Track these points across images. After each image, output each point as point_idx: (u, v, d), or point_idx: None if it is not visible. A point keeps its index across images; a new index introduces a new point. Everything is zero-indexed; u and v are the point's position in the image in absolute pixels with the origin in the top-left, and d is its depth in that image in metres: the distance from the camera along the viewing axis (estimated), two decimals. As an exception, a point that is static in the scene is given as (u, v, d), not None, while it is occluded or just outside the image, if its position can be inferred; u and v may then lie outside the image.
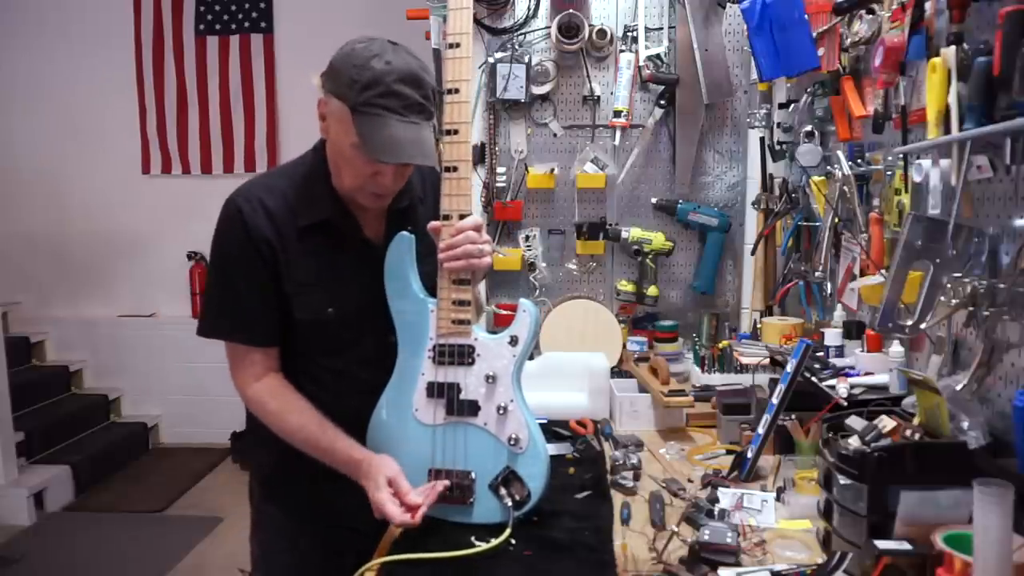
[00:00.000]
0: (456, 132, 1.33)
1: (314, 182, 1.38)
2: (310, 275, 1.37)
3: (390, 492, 1.25)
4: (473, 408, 1.32)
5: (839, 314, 1.86)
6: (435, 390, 1.34)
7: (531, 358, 2.11)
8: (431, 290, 1.35)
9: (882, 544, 1.05)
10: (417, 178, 1.48)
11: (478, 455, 1.33)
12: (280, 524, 1.51)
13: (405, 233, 1.36)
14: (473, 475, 1.32)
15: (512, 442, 1.30)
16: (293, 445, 1.37)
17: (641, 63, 2.39)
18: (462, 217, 1.32)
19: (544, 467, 1.31)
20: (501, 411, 1.31)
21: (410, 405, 1.35)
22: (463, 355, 1.33)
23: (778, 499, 1.39)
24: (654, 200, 2.48)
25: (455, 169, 1.33)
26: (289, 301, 1.36)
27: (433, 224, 1.33)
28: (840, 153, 1.80)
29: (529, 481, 1.30)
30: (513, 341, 1.32)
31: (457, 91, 1.33)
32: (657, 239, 2.43)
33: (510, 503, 1.29)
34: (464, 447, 1.33)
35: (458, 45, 1.33)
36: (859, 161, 1.75)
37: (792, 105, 2.13)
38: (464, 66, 1.33)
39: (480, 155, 2.47)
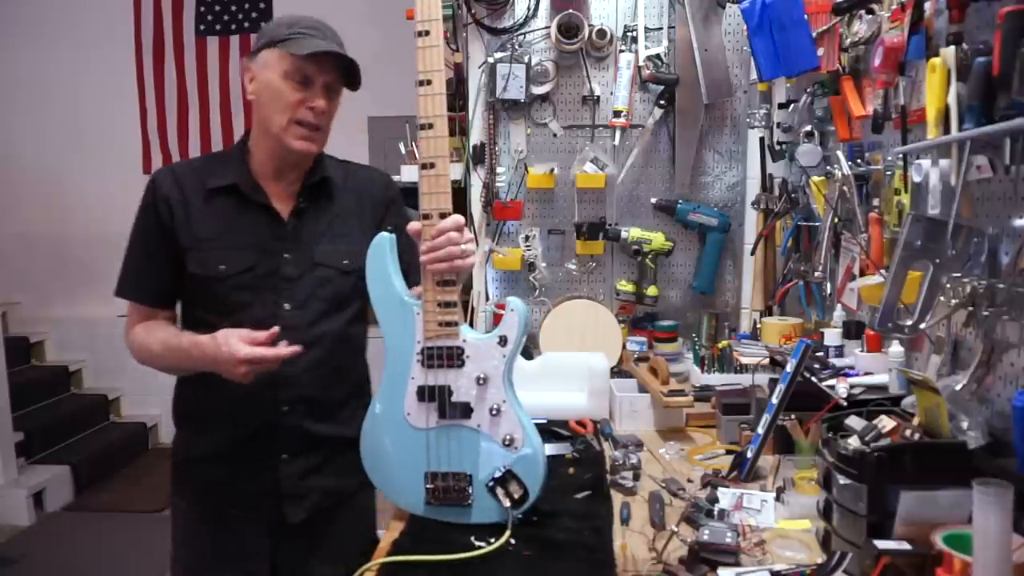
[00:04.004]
0: (431, 127, 1.29)
1: (228, 155, 1.53)
2: (208, 232, 1.43)
3: (248, 343, 1.31)
4: (466, 410, 1.31)
5: (839, 314, 1.86)
6: (426, 393, 1.32)
7: (531, 358, 2.12)
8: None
9: (882, 544, 1.04)
10: (339, 171, 1.55)
11: (473, 457, 1.32)
12: (186, 519, 1.54)
13: (384, 234, 1.35)
14: (470, 477, 1.32)
15: (507, 442, 1.30)
16: (163, 366, 1.45)
17: (641, 63, 2.39)
18: (442, 216, 1.29)
19: (541, 465, 1.30)
20: (494, 412, 1.30)
21: (401, 410, 1.34)
22: (452, 357, 1.31)
23: (778, 499, 1.39)
24: (654, 200, 2.48)
25: (432, 166, 1.29)
26: (185, 256, 1.43)
27: (413, 225, 1.32)
28: (840, 153, 1.80)
29: (526, 480, 1.30)
30: (503, 341, 1.30)
31: (429, 83, 1.29)
32: (657, 239, 2.43)
33: (508, 504, 1.29)
34: (459, 449, 1.32)
35: (428, 33, 1.29)
36: (859, 161, 1.75)
37: (792, 105, 2.13)
38: (435, 55, 1.29)
39: (480, 155, 2.47)
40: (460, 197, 2.52)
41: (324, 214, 1.50)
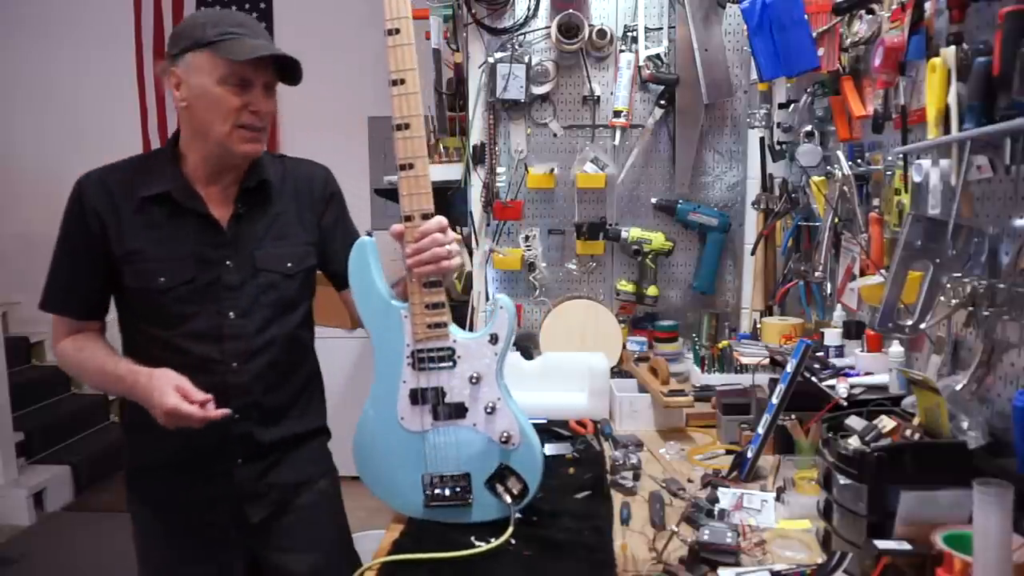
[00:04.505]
0: (407, 127, 1.28)
1: (157, 158, 1.46)
2: (143, 244, 1.38)
3: (179, 396, 1.27)
4: (460, 410, 1.31)
5: (839, 314, 1.86)
6: (419, 396, 1.32)
7: (531, 358, 2.11)
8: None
9: (882, 544, 1.04)
10: (276, 169, 1.50)
11: (471, 456, 1.32)
12: (148, 524, 1.54)
13: (366, 238, 1.34)
14: (468, 476, 1.32)
15: (504, 439, 1.29)
16: (95, 386, 1.44)
17: (641, 63, 2.39)
18: (424, 217, 1.28)
19: (539, 459, 1.30)
20: (489, 410, 1.30)
21: (395, 414, 1.33)
22: (443, 358, 1.31)
23: (778, 499, 1.39)
24: (654, 200, 2.48)
25: (411, 167, 1.28)
26: (120, 268, 1.38)
27: (395, 228, 1.31)
28: (840, 153, 1.80)
29: (525, 474, 1.30)
30: (493, 339, 1.30)
31: (403, 82, 1.27)
32: (657, 239, 2.43)
33: (509, 499, 1.29)
34: (456, 450, 1.32)
35: (398, 31, 1.27)
36: (859, 161, 1.75)
37: (792, 105, 2.13)
38: (407, 54, 1.27)
39: (480, 155, 2.47)
40: (460, 197, 2.52)
41: (263, 217, 1.46)
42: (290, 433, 1.48)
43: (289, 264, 1.46)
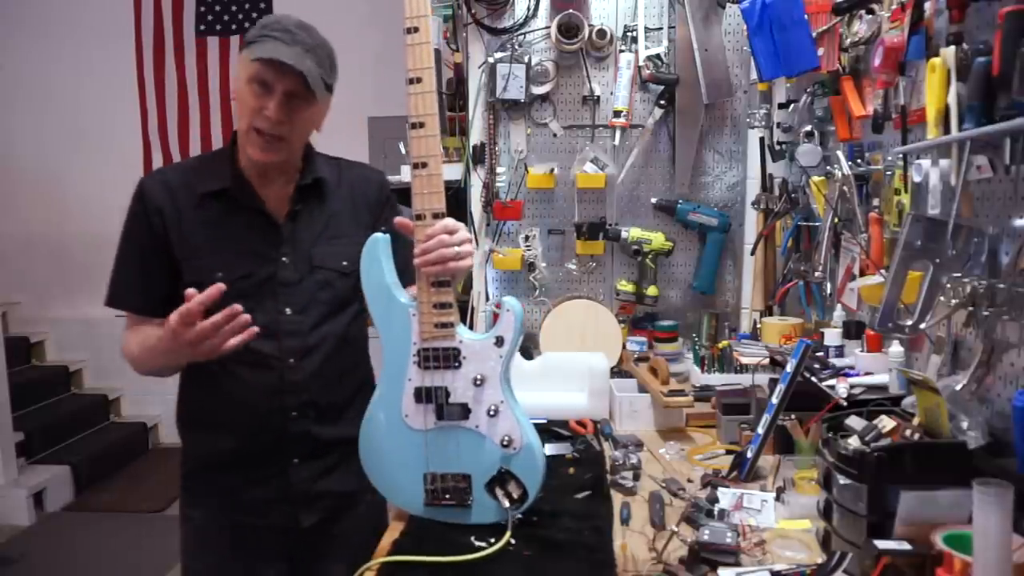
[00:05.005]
0: (422, 125, 1.28)
1: (218, 157, 1.49)
2: (201, 240, 1.40)
3: (178, 315, 1.24)
4: (463, 411, 1.31)
5: (839, 314, 1.86)
6: (423, 395, 1.32)
7: (531, 358, 2.11)
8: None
9: (882, 544, 1.04)
10: (332, 170, 1.52)
11: (472, 457, 1.31)
12: (199, 529, 1.52)
13: (379, 235, 1.34)
14: (469, 477, 1.32)
15: (505, 443, 1.29)
16: (149, 369, 1.41)
17: (641, 63, 2.39)
18: (435, 216, 1.28)
19: (540, 464, 1.30)
20: (492, 413, 1.29)
21: (399, 411, 1.33)
22: (449, 359, 1.30)
23: (778, 499, 1.39)
24: (654, 200, 2.48)
25: (424, 165, 1.28)
26: (180, 265, 1.40)
27: (399, 220, 1.32)
28: (840, 153, 1.80)
29: (525, 480, 1.29)
30: (499, 342, 1.29)
31: (420, 80, 1.27)
32: (657, 239, 2.43)
33: (507, 504, 1.29)
34: (457, 450, 1.32)
35: (416, 30, 1.27)
36: (859, 161, 1.75)
37: (792, 105, 2.13)
38: (425, 52, 1.27)
39: (480, 155, 2.47)
40: (459, 197, 2.52)
41: (319, 215, 1.48)
42: (347, 434, 1.45)
43: (344, 263, 1.46)
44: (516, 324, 1.29)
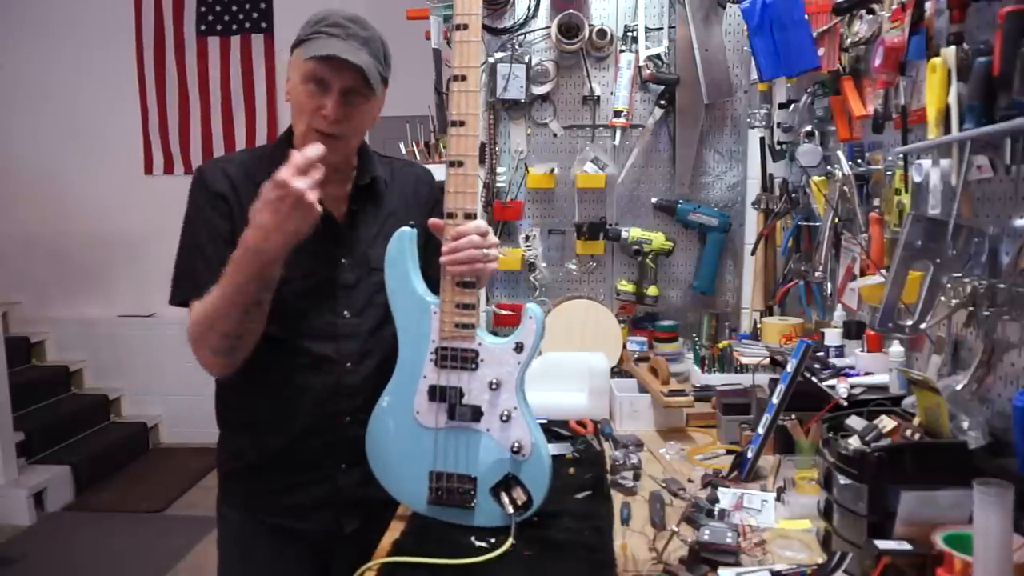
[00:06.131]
0: (463, 124, 1.27)
1: (274, 149, 1.42)
2: None
3: (271, 187, 1.17)
4: (476, 414, 1.30)
5: (839, 314, 1.86)
6: (437, 393, 1.31)
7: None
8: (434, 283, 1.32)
9: (882, 544, 1.04)
10: (385, 169, 1.48)
11: (480, 460, 1.31)
12: (237, 530, 1.49)
13: (407, 228, 1.33)
14: (474, 479, 1.31)
15: (515, 449, 1.28)
16: (227, 312, 1.26)
17: (641, 63, 2.39)
18: (467, 216, 1.27)
19: (546, 474, 1.29)
20: (504, 418, 1.28)
21: (411, 407, 1.33)
22: (466, 360, 1.30)
23: (778, 499, 1.39)
24: (654, 200, 2.48)
25: (461, 164, 1.27)
26: None
27: (435, 221, 1.30)
28: (840, 153, 1.80)
29: (531, 487, 1.29)
30: (518, 348, 1.29)
31: (464, 78, 1.26)
32: (657, 239, 2.43)
33: (511, 510, 1.28)
34: (466, 451, 1.31)
35: (466, 27, 1.25)
36: (859, 161, 1.75)
37: (792, 105, 2.13)
38: (472, 50, 1.25)
39: (480, 155, 2.46)
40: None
41: (375, 216, 1.44)
42: None
43: None
44: (537, 331, 1.28)
